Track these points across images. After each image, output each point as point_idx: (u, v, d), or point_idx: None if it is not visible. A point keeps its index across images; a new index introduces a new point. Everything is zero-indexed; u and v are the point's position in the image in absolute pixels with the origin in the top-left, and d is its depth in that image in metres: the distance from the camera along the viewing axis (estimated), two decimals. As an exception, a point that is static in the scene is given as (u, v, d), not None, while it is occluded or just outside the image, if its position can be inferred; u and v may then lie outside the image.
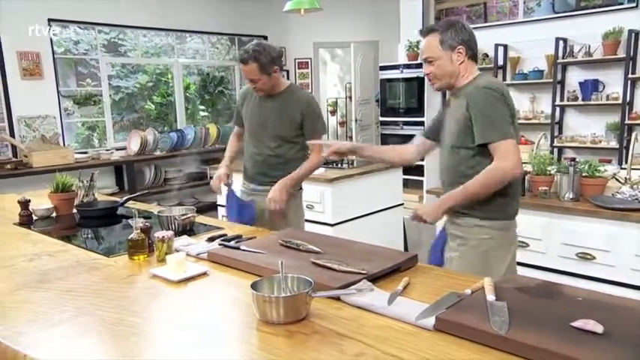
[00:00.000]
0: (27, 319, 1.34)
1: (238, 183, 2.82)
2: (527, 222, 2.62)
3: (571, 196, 2.52)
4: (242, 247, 1.79)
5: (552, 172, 2.65)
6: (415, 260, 1.65)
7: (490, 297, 1.24)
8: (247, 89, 2.74)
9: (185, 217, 2.14)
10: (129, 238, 1.80)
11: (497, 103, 1.82)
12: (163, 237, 1.77)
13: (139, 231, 1.81)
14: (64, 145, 5.39)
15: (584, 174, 2.53)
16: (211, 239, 1.99)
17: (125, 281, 1.60)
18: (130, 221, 1.85)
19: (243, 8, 6.92)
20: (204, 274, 1.63)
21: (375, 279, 1.49)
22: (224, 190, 2.74)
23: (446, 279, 1.54)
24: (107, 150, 5.65)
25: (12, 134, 5.08)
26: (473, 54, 1.93)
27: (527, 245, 2.63)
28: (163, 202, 5.86)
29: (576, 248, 2.46)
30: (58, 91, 5.40)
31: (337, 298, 1.38)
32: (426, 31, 1.94)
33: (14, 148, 5.13)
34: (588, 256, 2.42)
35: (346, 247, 1.78)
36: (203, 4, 6.52)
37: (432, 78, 1.96)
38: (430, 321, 1.19)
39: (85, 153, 5.48)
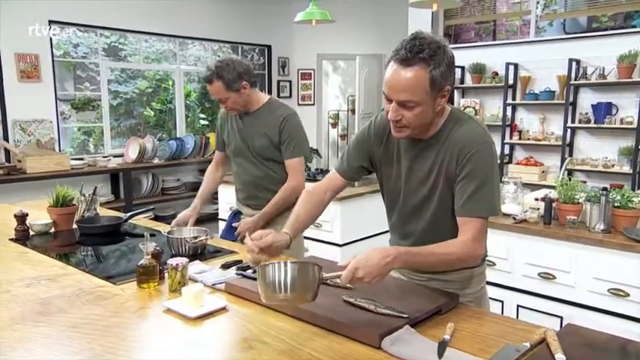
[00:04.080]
0: (27, 362, 1.17)
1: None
2: (554, 253, 2.50)
3: (602, 228, 2.39)
4: (263, 279, 1.63)
5: (581, 200, 2.52)
6: (456, 300, 1.51)
7: (559, 356, 1.10)
8: (226, 110, 2.51)
9: (197, 240, 1.98)
10: (139, 264, 1.64)
11: (496, 166, 1.45)
12: (177, 265, 1.61)
13: (150, 257, 1.65)
14: (59, 150, 5.20)
15: (616, 204, 2.40)
16: (226, 266, 1.83)
17: (136, 315, 1.43)
18: (141, 246, 1.68)
19: (247, 17, 6.80)
20: (224, 309, 1.48)
21: (414, 323, 1.35)
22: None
23: (493, 324, 1.40)
24: (104, 157, 5.46)
25: (6, 138, 4.88)
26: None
27: (554, 277, 2.49)
28: (158, 211, 5.69)
29: (608, 283, 2.32)
30: (55, 95, 5.22)
31: (378, 348, 1.23)
32: (408, 58, 1.32)
33: (8, 152, 4.93)
34: (621, 293, 2.29)
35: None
36: (207, 11, 6.39)
37: (401, 127, 1.42)
38: (493, 382, 1.05)
39: (81, 159, 5.29)
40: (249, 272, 1.73)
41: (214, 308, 1.46)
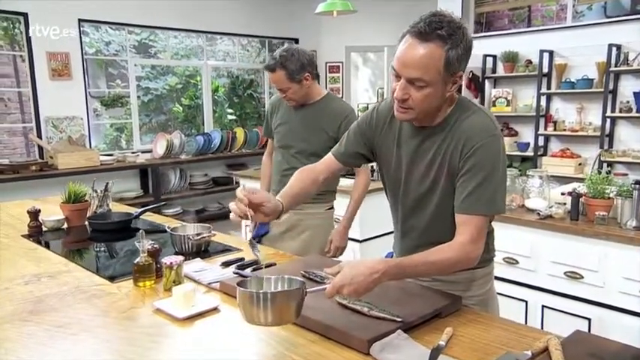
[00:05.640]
0: (3, 364, 1.16)
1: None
2: (582, 250, 2.34)
3: (634, 224, 2.22)
4: (259, 278, 1.58)
5: (611, 194, 2.35)
6: (458, 303, 1.41)
7: (560, 368, 1.00)
8: (278, 98, 2.51)
9: (200, 237, 1.95)
10: (135, 262, 1.61)
11: (503, 162, 1.36)
12: (171, 263, 1.57)
13: (145, 254, 1.62)
14: (90, 146, 5.32)
15: (650, 199, 2.23)
16: (226, 264, 1.79)
17: (125, 316, 1.40)
18: (136, 243, 1.66)
19: (274, 10, 6.76)
20: (215, 309, 1.43)
21: (410, 327, 1.26)
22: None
23: (497, 330, 1.29)
24: (133, 152, 5.55)
25: (39, 135, 5.03)
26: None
27: (581, 277, 2.34)
28: (186, 206, 5.75)
29: (640, 284, 2.16)
30: (86, 92, 5.33)
31: (367, 354, 1.16)
32: (427, 32, 1.24)
33: (41, 149, 5.08)
34: (654, 295, 2.12)
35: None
36: (234, 5, 6.38)
37: (406, 107, 1.32)
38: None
39: (111, 155, 5.40)
40: (247, 271, 1.68)
41: (205, 309, 1.41)
